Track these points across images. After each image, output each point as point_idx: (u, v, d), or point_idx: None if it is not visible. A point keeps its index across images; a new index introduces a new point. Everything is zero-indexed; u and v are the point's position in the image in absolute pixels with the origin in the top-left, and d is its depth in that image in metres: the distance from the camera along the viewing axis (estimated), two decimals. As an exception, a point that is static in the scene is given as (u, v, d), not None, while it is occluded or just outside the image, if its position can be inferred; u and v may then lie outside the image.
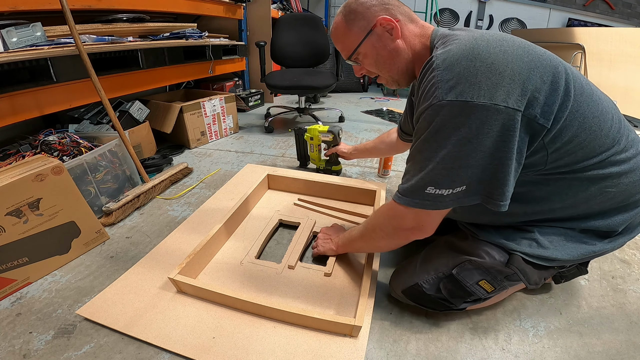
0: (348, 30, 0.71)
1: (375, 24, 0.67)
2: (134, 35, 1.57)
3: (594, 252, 0.65)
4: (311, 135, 1.41)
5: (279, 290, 0.82)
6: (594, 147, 0.57)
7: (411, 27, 0.69)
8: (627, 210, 0.63)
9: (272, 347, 0.67)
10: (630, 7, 4.36)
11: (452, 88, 0.52)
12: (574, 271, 0.81)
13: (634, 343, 0.71)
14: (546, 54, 0.56)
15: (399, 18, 0.68)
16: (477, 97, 0.50)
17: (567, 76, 0.55)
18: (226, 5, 2.19)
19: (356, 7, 0.69)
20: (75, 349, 0.67)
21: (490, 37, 0.55)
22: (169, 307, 0.76)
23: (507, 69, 0.51)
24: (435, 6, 3.63)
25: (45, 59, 1.12)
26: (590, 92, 0.58)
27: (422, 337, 0.72)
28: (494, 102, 0.50)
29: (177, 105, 1.66)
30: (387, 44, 0.68)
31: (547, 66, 0.54)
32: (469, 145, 0.52)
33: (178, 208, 1.20)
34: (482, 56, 0.52)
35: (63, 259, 0.91)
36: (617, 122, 0.59)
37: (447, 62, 0.54)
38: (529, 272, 0.64)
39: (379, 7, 0.68)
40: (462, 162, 0.53)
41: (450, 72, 0.53)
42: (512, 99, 0.50)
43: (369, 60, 0.72)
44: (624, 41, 2.27)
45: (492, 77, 0.50)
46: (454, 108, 0.51)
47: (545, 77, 0.53)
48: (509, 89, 0.50)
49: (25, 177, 0.79)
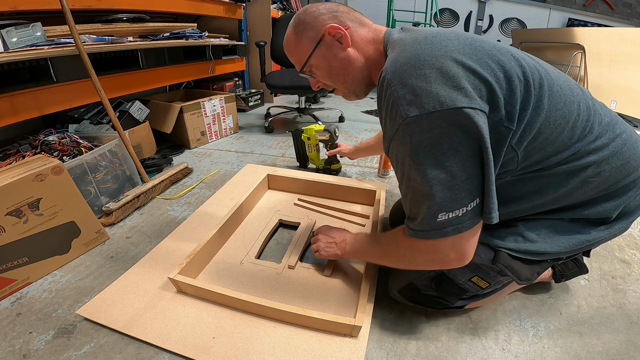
0: (298, 42, 0.68)
1: (324, 34, 0.64)
2: (134, 35, 1.57)
3: (587, 241, 0.61)
4: (308, 135, 1.41)
5: (279, 290, 0.82)
6: (563, 140, 0.55)
7: (363, 33, 0.66)
8: (617, 196, 0.60)
9: (272, 347, 0.67)
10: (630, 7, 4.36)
11: (412, 102, 0.48)
12: (574, 270, 0.81)
13: (634, 343, 0.71)
14: (495, 49, 0.53)
15: (349, 25, 0.65)
16: (440, 105, 0.47)
17: (522, 70, 0.52)
18: (226, 5, 2.19)
19: (304, 17, 0.67)
20: (75, 349, 0.67)
21: (434, 38, 0.53)
22: (169, 307, 0.76)
23: (459, 70, 0.49)
24: (435, 6, 3.63)
25: (45, 59, 1.12)
26: (551, 83, 0.54)
27: (422, 337, 0.72)
28: (459, 104, 0.47)
29: (177, 105, 1.67)
30: (337, 53, 0.65)
31: (499, 62, 0.51)
32: (455, 154, 0.49)
33: (178, 208, 1.20)
34: (429, 62, 0.49)
35: (63, 259, 0.91)
36: (584, 111, 0.56)
37: (398, 75, 0.51)
38: (518, 268, 0.62)
39: (327, 16, 0.65)
40: (459, 175, 0.49)
41: (404, 86, 0.50)
42: (475, 100, 0.48)
43: (321, 72, 0.69)
44: (624, 41, 2.27)
45: (447, 81, 0.48)
46: (422, 122, 0.48)
47: (499, 74, 0.50)
48: (467, 89, 0.48)
49: (25, 177, 0.79)
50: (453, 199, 0.50)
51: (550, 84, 0.54)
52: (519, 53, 0.56)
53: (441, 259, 0.57)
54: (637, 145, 0.60)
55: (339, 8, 0.66)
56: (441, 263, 0.57)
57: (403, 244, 0.62)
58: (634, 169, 0.59)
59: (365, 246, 0.75)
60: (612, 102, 2.37)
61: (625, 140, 0.58)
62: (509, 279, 0.65)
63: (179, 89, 2.26)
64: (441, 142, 0.48)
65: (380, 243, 0.71)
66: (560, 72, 0.60)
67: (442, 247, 0.55)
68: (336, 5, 0.67)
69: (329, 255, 0.82)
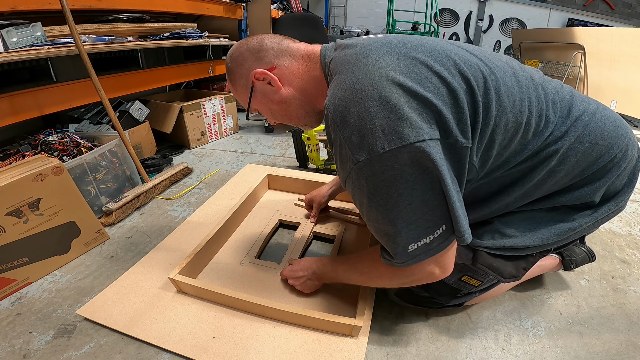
0: (235, 90, 0.68)
1: (253, 81, 0.62)
2: (134, 35, 1.57)
3: (571, 229, 0.59)
4: (308, 135, 1.41)
5: (279, 290, 0.82)
6: (519, 141, 0.53)
7: (294, 66, 0.62)
8: (596, 179, 0.57)
9: (272, 347, 0.67)
10: (630, 7, 4.36)
11: (359, 145, 0.46)
12: (582, 255, 0.81)
13: (634, 343, 0.71)
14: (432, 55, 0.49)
15: (275, 64, 0.61)
16: (389, 144, 0.44)
17: (464, 77, 0.49)
18: (226, 5, 2.19)
19: (232, 66, 0.65)
20: (75, 349, 0.67)
21: (366, 58, 0.49)
22: (169, 307, 0.76)
23: (399, 97, 0.45)
24: (435, 6, 3.64)
25: (45, 59, 1.12)
26: (497, 85, 0.51)
27: (422, 338, 0.72)
28: (407, 140, 0.44)
29: (177, 105, 1.67)
30: (272, 97, 0.63)
31: (439, 74, 0.48)
32: (413, 191, 0.47)
33: (178, 208, 1.20)
34: (366, 92, 0.46)
35: (63, 259, 0.91)
36: (536, 105, 0.53)
37: (339, 114, 0.48)
38: (499, 266, 0.61)
39: (251, 60, 0.62)
40: (420, 209, 0.48)
41: (347, 127, 0.47)
42: (423, 128, 0.45)
43: (266, 114, 0.68)
44: (624, 41, 2.27)
45: (390, 113, 0.45)
46: (373, 166, 0.46)
47: (442, 89, 0.47)
48: (412, 119, 0.45)
49: (25, 177, 0.79)
50: (418, 232, 0.50)
51: (497, 85, 0.51)
52: (457, 51, 0.52)
53: (427, 277, 0.56)
54: (603, 123, 0.56)
55: (264, 44, 0.62)
56: (428, 279, 0.56)
57: (386, 272, 0.60)
58: (606, 149, 0.56)
59: (343, 274, 0.72)
60: (612, 102, 2.37)
61: (587, 121, 0.55)
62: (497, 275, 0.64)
63: (179, 89, 2.26)
64: (396, 183, 0.46)
65: (358, 270, 0.68)
66: (506, 62, 0.56)
67: (423, 268, 0.54)
68: (260, 41, 0.63)
69: (311, 289, 0.79)
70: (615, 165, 0.57)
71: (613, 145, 0.56)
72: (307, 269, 0.79)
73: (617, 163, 0.57)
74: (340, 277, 0.72)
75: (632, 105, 2.27)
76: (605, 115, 0.57)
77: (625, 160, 0.57)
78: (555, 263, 0.82)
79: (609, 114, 0.59)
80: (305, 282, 0.78)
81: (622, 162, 0.57)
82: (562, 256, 0.82)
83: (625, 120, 0.60)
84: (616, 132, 0.57)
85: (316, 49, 0.63)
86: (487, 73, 0.51)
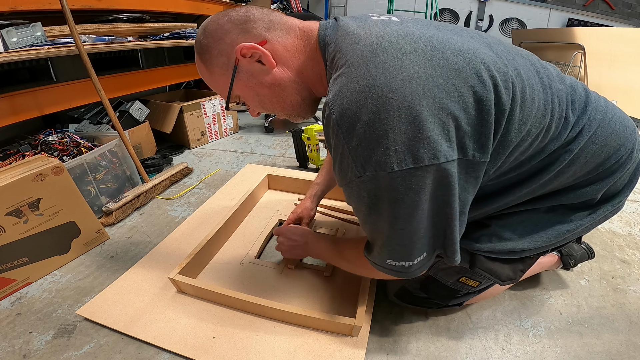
0: (210, 73, 0.54)
1: (237, 58, 0.50)
2: (134, 35, 1.57)
3: (568, 231, 0.57)
4: (308, 135, 1.41)
5: (279, 290, 0.82)
6: (537, 145, 0.50)
7: (289, 42, 0.52)
8: (599, 180, 0.56)
9: (272, 347, 0.67)
10: (630, 7, 4.36)
11: (366, 160, 0.41)
12: (581, 252, 0.82)
13: (634, 343, 0.71)
14: (462, 53, 0.42)
15: (267, 37, 0.50)
16: (398, 164, 0.39)
17: (494, 82, 0.42)
18: (226, 6, 2.19)
19: (206, 42, 0.52)
20: (75, 349, 0.67)
21: (385, 53, 0.41)
22: (169, 307, 0.76)
23: (422, 109, 0.39)
24: (435, 6, 3.64)
25: (45, 59, 1.12)
26: (523, 88, 0.46)
27: (422, 337, 0.72)
28: (420, 163, 0.39)
29: (177, 105, 1.66)
30: (261, 78, 0.52)
31: (467, 79, 0.41)
32: (411, 218, 0.44)
33: (178, 208, 1.20)
34: (384, 101, 0.39)
35: (63, 259, 0.91)
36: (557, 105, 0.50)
37: (347, 120, 0.41)
38: (497, 269, 0.60)
39: (234, 33, 0.50)
40: (412, 236, 0.47)
41: (354, 137, 0.41)
42: (440, 149, 0.40)
43: (252, 103, 0.57)
44: (624, 41, 2.27)
45: (407, 129, 0.39)
46: (378, 181, 0.42)
47: (469, 98, 0.41)
48: (432, 137, 0.39)
49: (25, 177, 0.79)
50: (402, 254, 0.49)
51: (523, 89, 0.46)
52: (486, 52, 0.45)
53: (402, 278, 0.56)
54: (614, 123, 0.54)
55: (250, 14, 0.51)
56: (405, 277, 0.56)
57: (367, 265, 0.58)
58: (614, 150, 0.54)
59: (330, 256, 0.75)
60: (612, 102, 2.37)
61: (599, 121, 0.53)
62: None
63: (179, 89, 2.25)
64: (397, 205, 0.43)
65: (345, 257, 0.69)
66: (528, 59, 0.52)
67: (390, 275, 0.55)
68: (245, 11, 0.51)
69: (293, 255, 0.84)
70: (621, 166, 0.56)
71: (621, 146, 0.54)
72: (302, 237, 0.80)
73: (622, 164, 0.55)
74: (327, 258, 0.77)
75: (632, 105, 2.27)
76: (615, 114, 0.55)
77: (630, 161, 0.56)
78: (554, 261, 0.83)
79: (619, 113, 0.57)
80: (294, 247, 0.81)
81: (627, 163, 0.56)
82: (561, 253, 0.82)
83: (632, 121, 0.59)
84: (625, 132, 0.55)
85: (314, 26, 0.53)
86: (514, 75, 0.45)
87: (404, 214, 0.44)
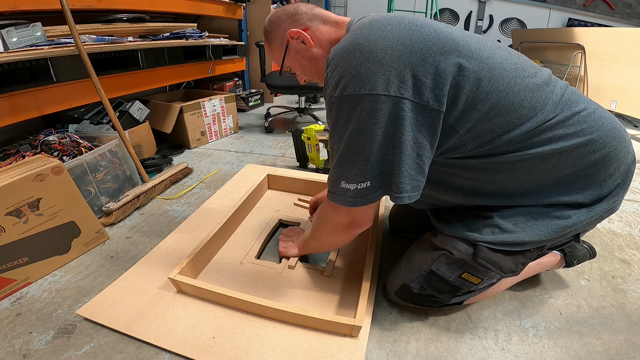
0: (271, 50, 0.77)
1: (288, 39, 0.71)
2: (134, 35, 1.57)
3: (567, 226, 0.61)
4: (308, 135, 1.41)
5: (279, 290, 0.82)
6: (511, 119, 0.55)
7: (325, 29, 0.71)
8: (586, 176, 0.60)
9: (272, 347, 0.67)
10: (630, 7, 4.36)
11: (337, 84, 0.54)
12: (583, 251, 0.84)
13: (634, 343, 0.71)
14: (436, 32, 0.54)
15: (308, 25, 0.70)
16: (359, 89, 0.52)
17: (459, 54, 0.53)
18: (226, 5, 2.19)
19: (270, 28, 0.75)
20: (75, 349, 0.67)
21: (376, 22, 0.56)
22: (169, 307, 0.76)
23: (385, 56, 0.51)
24: (435, 6, 3.63)
25: (45, 59, 1.12)
26: (492, 66, 0.55)
27: (422, 337, 0.72)
28: (375, 91, 0.51)
29: (177, 105, 1.67)
30: (304, 54, 0.72)
31: (433, 47, 0.52)
32: (362, 137, 0.54)
33: (178, 208, 1.20)
34: (362, 46, 0.53)
35: (63, 259, 0.91)
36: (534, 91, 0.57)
37: (335, 59, 0.56)
38: (499, 261, 0.62)
39: (287, 22, 0.71)
40: (361, 155, 0.55)
41: (336, 69, 0.55)
42: (393, 86, 0.51)
43: (298, 71, 0.77)
44: (624, 41, 2.27)
45: (371, 66, 0.51)
46: (341, 103, 0.54)
47: (430, 59, 0.52)
48: (388, 76, 0.51)
49: (25, 177, 0.79)
50: (351, 172, 0.57)
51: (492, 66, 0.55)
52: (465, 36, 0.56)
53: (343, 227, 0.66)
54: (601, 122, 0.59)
55: (299, 9, 0.71)
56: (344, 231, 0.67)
57: (320, 211, 0.74)
58: (601, 146, 0.59)
59: (305, 233, 0.87)
60: (612, 102, 2.37)
61: (585, 117, 0.58)
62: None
63: (179, 89, 2.26)
64: (351, 121, 0.54)
65: (312, 237, 0.81)
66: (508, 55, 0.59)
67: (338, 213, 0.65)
68: (295, 7, 0.72)
69: (290, 253, 0.91)
70: (607, 163, 0.60)
71: (607, 143, 0.59)
72: (296, 236, 0.94)
73: (608, 162, 0.60)
74: (305, 247, 0.87)
75: (632, 105, 2.27)
76: (603, 115, 0.61)
77: (616, 160, 0.60)
78: (557, 260, 0.83)
79: (607, 115, 0.62)
80: (289, 244, 0.93)
81: (614, 161, 0.60)
82: (564, 252, 0.83)
83: (622, 125, 0.63)
84: (612, 132, 0.60)
85: (346, 18, 0.72)
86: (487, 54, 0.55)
87: (355, 130, 0.54)
